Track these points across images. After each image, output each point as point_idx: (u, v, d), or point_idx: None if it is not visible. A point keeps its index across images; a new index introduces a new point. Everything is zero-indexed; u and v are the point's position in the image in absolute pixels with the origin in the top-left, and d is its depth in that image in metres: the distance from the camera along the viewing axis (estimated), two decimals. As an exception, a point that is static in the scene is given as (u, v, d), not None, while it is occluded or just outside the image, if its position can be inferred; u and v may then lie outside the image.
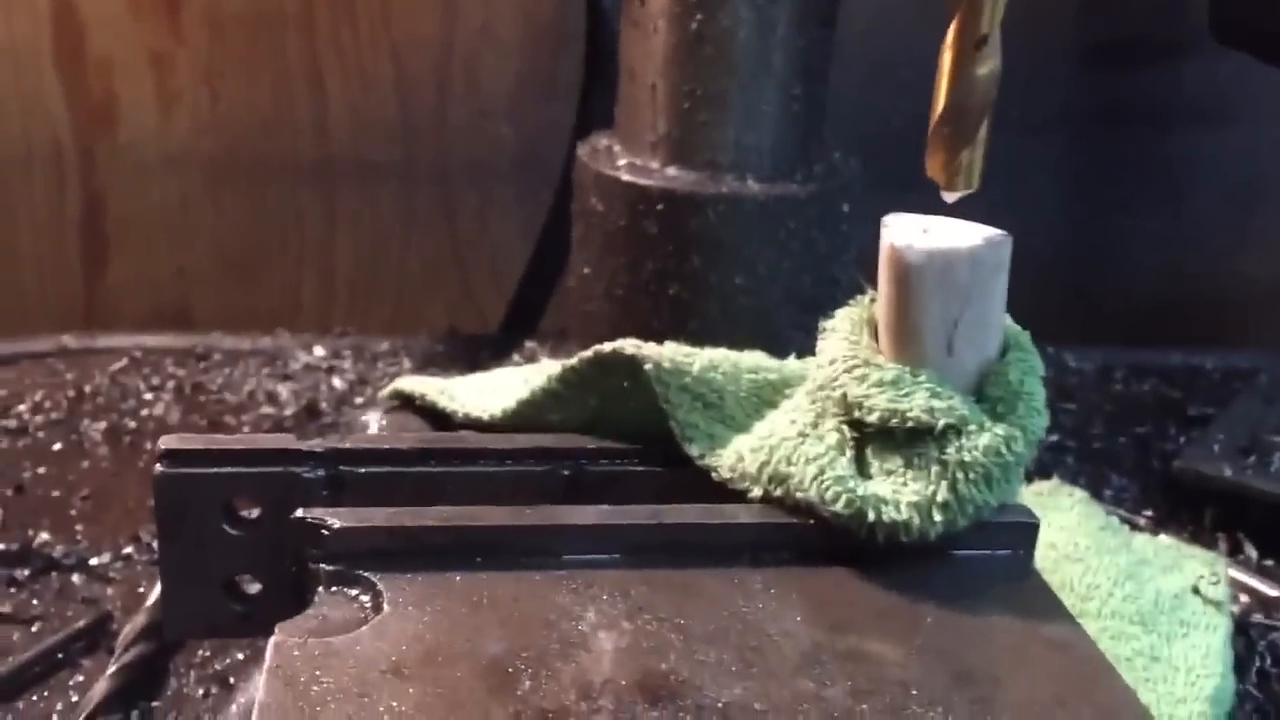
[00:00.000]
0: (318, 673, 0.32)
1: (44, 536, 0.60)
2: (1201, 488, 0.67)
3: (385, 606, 0.35)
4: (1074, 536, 0.55)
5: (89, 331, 0.83)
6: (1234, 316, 1.02)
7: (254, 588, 0.41)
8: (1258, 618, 0.58)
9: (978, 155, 0.41)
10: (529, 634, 0.34)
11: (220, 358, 0.80)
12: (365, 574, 0.36)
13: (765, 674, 0.33)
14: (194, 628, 0.43)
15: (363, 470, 0.41)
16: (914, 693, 0.33)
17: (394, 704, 0.31)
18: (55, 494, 0.64)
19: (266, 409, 0.74)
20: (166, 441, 0.40)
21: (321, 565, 0.36)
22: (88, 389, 0.75)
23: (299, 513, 0.37)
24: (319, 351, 0.81)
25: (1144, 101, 0.98)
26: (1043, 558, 0.53)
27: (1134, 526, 0.64)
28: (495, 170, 0.95)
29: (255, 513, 0.40)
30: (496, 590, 0.36)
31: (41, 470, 0.66)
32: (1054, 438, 0.74)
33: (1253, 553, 0.64)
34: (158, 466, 0.39)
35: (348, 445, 0.41)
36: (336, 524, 0.36)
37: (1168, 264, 1.01)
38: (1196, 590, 0.54)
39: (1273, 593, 0.60)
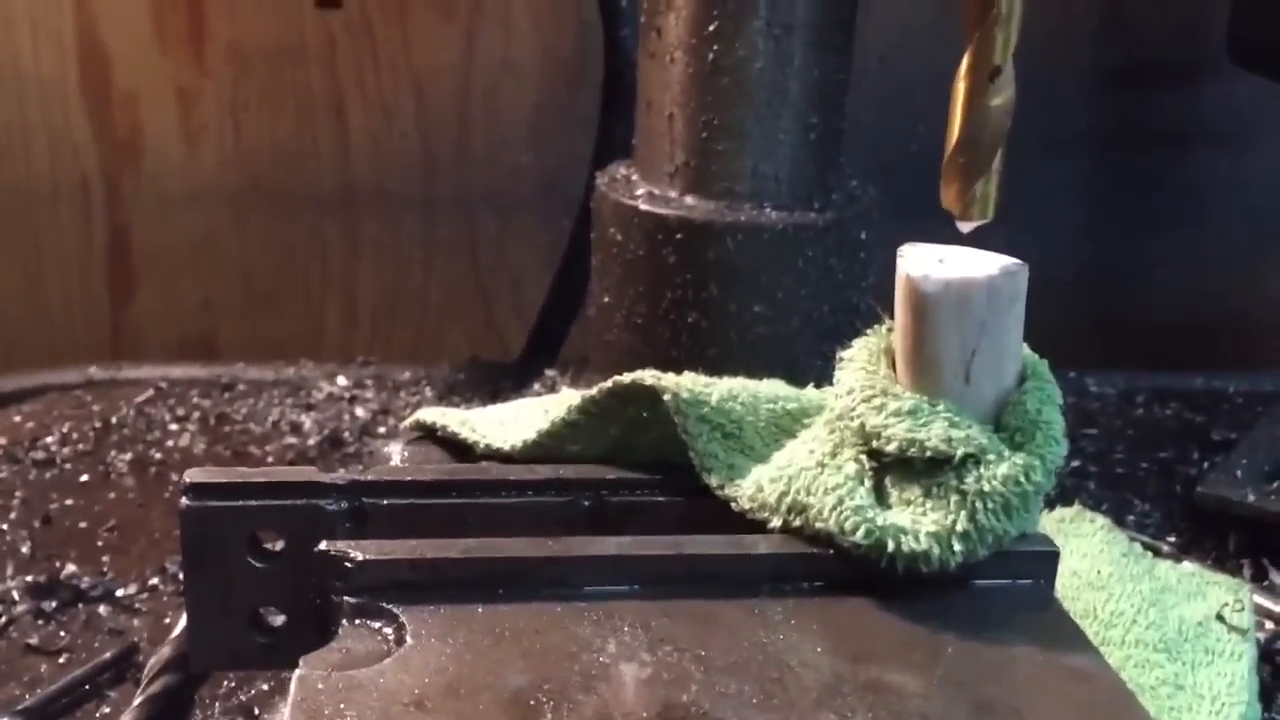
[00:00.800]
0: (341, 706, 0.32)
1: (71, 568, 0.61)
2: (1225, 513, 0.66)
3: (408, 639, 0.35)
4: (1096, 564, 0.55)
5: (115, 363, 0.83)
6: (1257, 339, 1.01)
7: (278, 620, 0.41)
8: (1283, 644, 0.58)
9: (993, 185, 0.41)
10: (550, 666, 0.34)
11: (244, 388, 0.80)
12: (388, 606, 0.36)
13: (786, 705, 0.33)
14: (219, 659, 0.43)
15: (385, 502, 0.41)
16: (935, 724, 0.33)
17: (417, 737, 0.31)
18: (82, 525, 0.65)
19: (290, 439, 0.75)
20: (191, 475, 0.40)
21: (345, 598, 0.36)
22: (114, 420, 0.76)
23: (322, 545, 0.38)
24: (342, 381, 0.82)
25: (1164, 124, 0.98)
26: (1065, 585, 0.53)
27: (1157, 553, 0.63)
28: (516, 199, 0.96)
29: (279, 545, 0.41)
30: (518, 622, 0.36)
31: (69, 502, 0.67)
32: (1076, 463, 0.74)
33: (1278, 579, 0.63)
34: (183, 500, 0.40)
35: (370, 478, 0.42)
36: (359, 556, 0.37)
37: (1190, 287, 1.01)
38: (1221, 617, 0.54)
39: (1298, 619, 0.60)
